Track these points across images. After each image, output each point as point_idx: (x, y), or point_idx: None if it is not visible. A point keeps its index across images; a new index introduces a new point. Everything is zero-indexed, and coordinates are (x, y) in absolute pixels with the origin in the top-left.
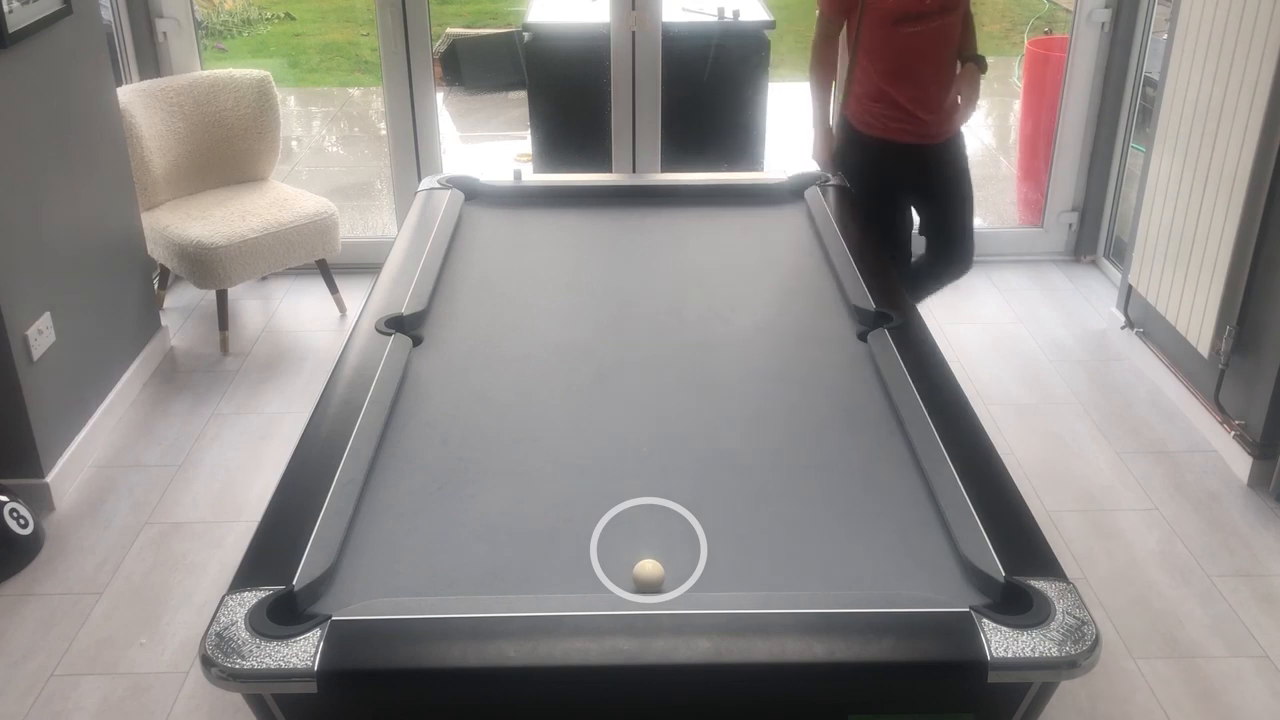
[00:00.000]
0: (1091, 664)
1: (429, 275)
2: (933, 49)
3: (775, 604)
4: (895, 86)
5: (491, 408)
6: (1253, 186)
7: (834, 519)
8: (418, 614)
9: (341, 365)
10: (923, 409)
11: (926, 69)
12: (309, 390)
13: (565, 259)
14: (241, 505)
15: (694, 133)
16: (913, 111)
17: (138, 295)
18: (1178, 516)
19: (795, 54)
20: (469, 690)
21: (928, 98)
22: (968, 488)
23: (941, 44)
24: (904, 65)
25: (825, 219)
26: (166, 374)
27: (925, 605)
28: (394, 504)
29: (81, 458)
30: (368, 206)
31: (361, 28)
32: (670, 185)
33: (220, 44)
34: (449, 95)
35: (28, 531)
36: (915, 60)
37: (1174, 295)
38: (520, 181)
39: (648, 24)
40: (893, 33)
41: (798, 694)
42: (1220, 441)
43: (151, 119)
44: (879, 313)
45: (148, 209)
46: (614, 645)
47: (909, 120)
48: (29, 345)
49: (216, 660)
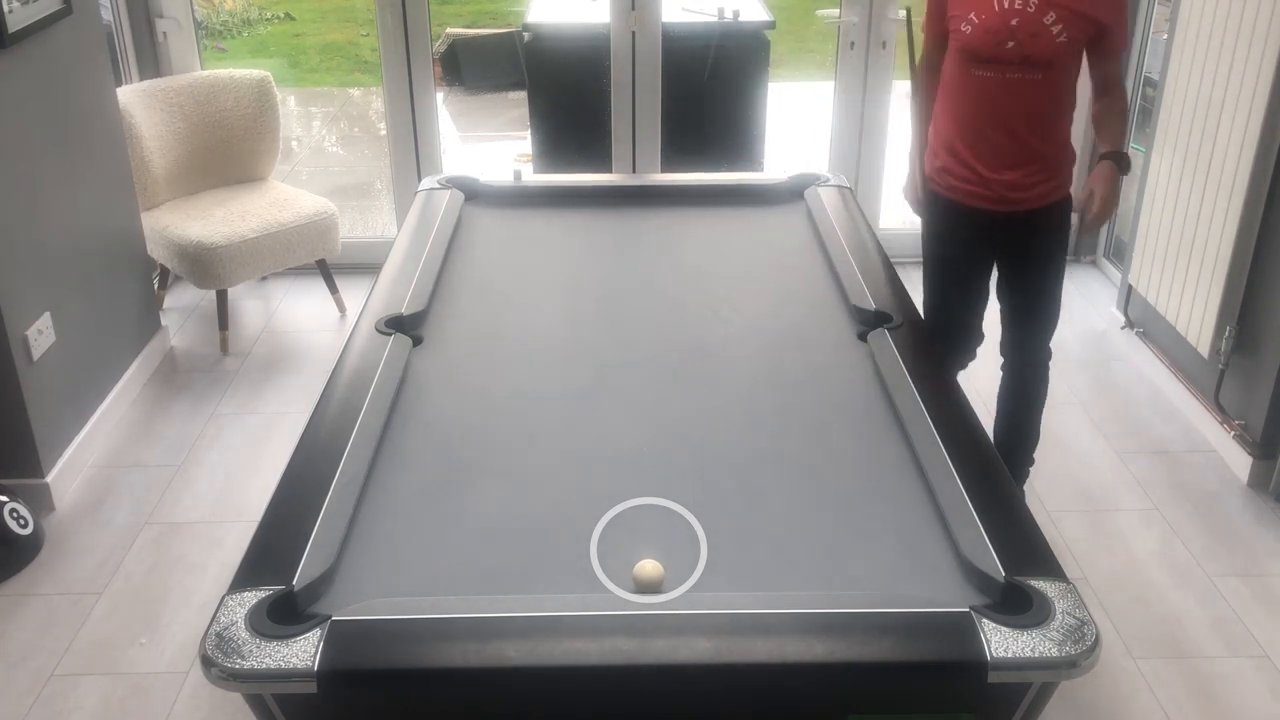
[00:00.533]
0: (1091, 664)
1: (429, 275)
2: (1006, 104)
3: (775, 604)
4: (962, 139)
5: (491, 408)
6: (1253, 186)
7: (834, 519)
8: (418, 614)
9: (341, 365)
10: (923, 409)
11: (998, 131)
12: (309, 390)
13: (565, 259)
14: (241, 505)
15: (694, 133)
16: (977, 169)
17: (138, 295)
18: (1178, 516)
19: (795, 54)
20: (469, 690)
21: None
22: (968, 488)
23: (1018, 101)
24: (973, 115)
25: (825, 219)
26: (166, 374)
27: (925, 605)
28: (394, 504)
29: (81, 458)
30: (368, 206)
31: (361, 28)
32: (670, 185)
33: (220, 44)
34: (449, 95)
35: (28, 531)
36: (985, 113)
37: (1174, 295)
38: (520, 181)
39: (648, 24)
40: (966, 73)
41: (798, 694)
42: (1220, 441)
43: (151, 119)
44: (879, 313)
45: (148, 209)
46: (614, 645)
47: (978, 183)
48: (29, 345)
49: (216, 660)
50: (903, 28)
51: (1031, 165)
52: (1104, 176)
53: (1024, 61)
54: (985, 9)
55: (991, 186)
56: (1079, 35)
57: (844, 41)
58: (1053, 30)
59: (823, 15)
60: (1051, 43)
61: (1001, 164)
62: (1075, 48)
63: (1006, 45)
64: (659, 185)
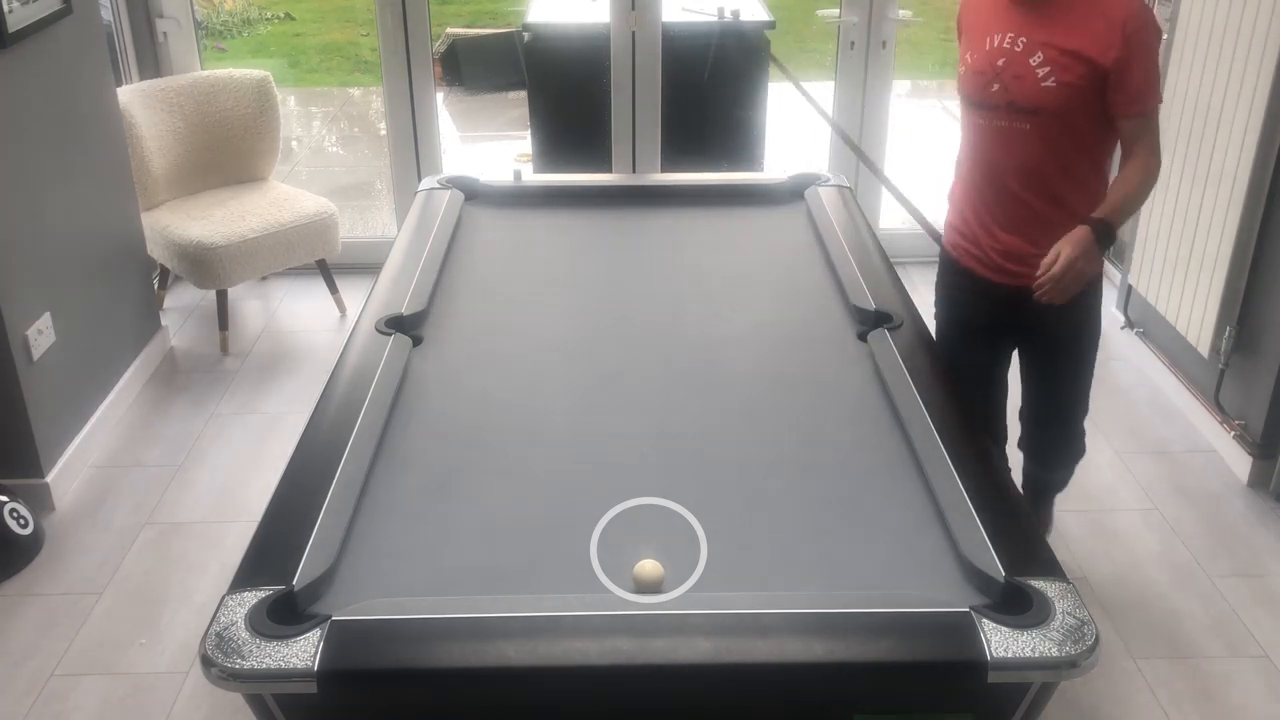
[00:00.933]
0: (1091, 664)
1: (429, 275)
2: (997, 155)
3: (775, 604)
4: (962, 192)
5: (491, 408)
6: (1253, 186)
7: (834, 519)
8: (418, 614)
9: (341, 365)
10: (923, 409)
11: (990, 185)
12: (309, 390)
13: (565, 259)
14: (241, 505)
15: (694, 133)
16: (973, 226)
17: (138, 295)
18: (1178, 517)
19: (795, 54)
20: (469, 690)
21: (991, 217)
22: (968, 488)
23: (1009, 153)
24: (969, 166)
25: (825, 219)
26: (166, 374)
27: (925, 605)
28: (394, 504)
29: (81, 458)
30: (368, 206)
31: (361, 28)
32: (670, 185)
33: (220, 44)
34: (449, 95)
35: (28, 531)
36: (980, 164)
37: (1174, 295)
38: (520, 181)
39: (648, 24)
40: (966, 118)
41: (798, 694)
42: (1220, 441)
43: (151, 119)
44: (879, 313)
45: (148, 209)
46: (614, 645)
47: (972, 241)
48: (29, 345)
49: (216, 660)
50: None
51: (1031, 230)
52: (1074, 238)
53: (1009, 107)
54: (978, 48)
55: (984, 249)
56: (1071, 80)
57: (844, 41)
58: (1038, 73)
59: (823, 15)
60: (1036, 87)
61: (996, 223)
62: (1069, 94)
63: (992, 89)
64: (659, 185)
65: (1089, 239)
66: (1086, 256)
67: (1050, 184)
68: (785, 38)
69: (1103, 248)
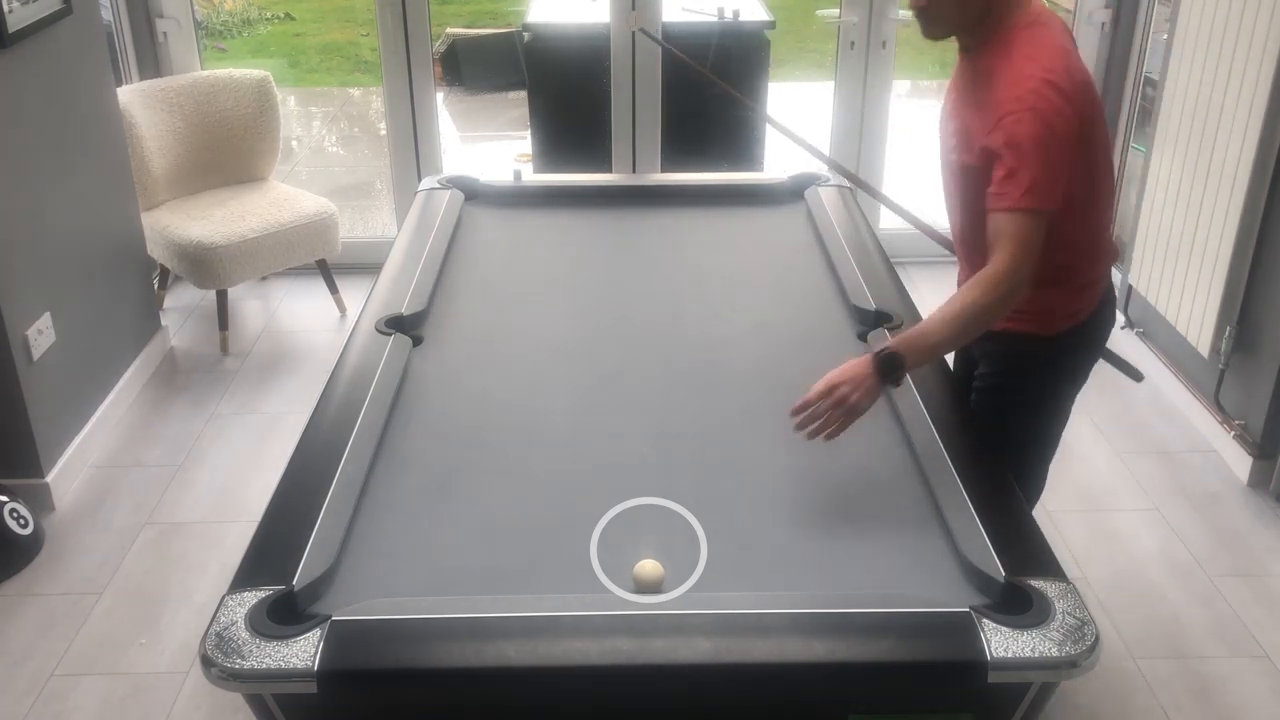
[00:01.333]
0: (1091, 664)
1: (429, 275)
2: (951, 196)
3: (775, 604)
4: None
5: (491, 408)
6: (1253, 186)
7: (834, 519)
8: (418, 614)
9: (341, 365)
10: (923, 409)
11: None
12: (309, 390)
13: (565, 259)
14: (241, 505)
15: (694, 133)
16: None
17: (138, 295)
18: (1178, 517)
19: (795, 54)
20: (469, 690)
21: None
22: (968, 488)
23: (953, 193)
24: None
25: (825, 219)
26: (166, 374)
27: (925, 605)
28: (394, 504)
29: (81, 458)
30: (368, 206)
31: (361, 28)
32: (670, 185)
33: (220, 44)
34: (449, 95)
35: (28, 531)
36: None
37: (1174, 295)
38: (520, 181)
39: (648, 24)
40: None
41: (798, 694)
42: (1220, 441)
43: (151, 119)
44: (879, 312)
45: (148, 209)
46: (614, 645)
47: None
48: (29, 345)
49: (216, 660)
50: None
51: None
52: (850, 364)
53: (950, 146)
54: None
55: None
56: (971, 161)
57: (844, 41)
58: (951, 142)
59: (823, 15)
60: (949, 158)
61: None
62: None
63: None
64: (659, 185)
65: (866, 369)
66: (856, 386)
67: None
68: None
69: (886, 381)
